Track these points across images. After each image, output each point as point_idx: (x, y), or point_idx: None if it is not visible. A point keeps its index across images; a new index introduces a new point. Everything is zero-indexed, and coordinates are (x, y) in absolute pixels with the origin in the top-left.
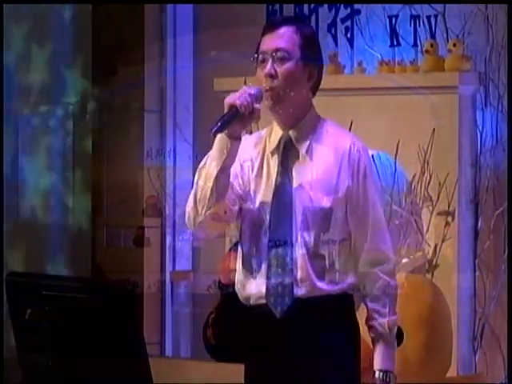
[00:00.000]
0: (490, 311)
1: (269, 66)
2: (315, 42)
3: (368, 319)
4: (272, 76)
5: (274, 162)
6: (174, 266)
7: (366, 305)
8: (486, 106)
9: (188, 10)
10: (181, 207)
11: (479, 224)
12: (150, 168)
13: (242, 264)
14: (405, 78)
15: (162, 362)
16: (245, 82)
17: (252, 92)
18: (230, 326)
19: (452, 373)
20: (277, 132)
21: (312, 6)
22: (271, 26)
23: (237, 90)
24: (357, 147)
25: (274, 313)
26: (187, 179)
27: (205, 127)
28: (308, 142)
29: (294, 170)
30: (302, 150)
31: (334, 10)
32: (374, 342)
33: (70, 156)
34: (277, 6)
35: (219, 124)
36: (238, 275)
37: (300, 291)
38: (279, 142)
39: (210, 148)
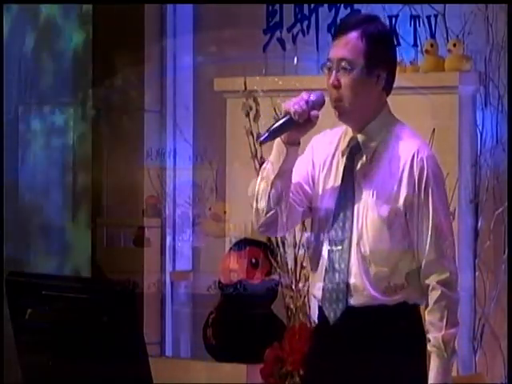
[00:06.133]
0: (490, 311)
1: (333, 76)
2: (384, 42)
3: (426, 332)
4: (336, 87)
5: (342, 164)
6: (174, 266)
7: (425, 317)
8: (486, 105)
9: (188, 10)
10: (181, 207)
11: (479, 224)
12: (149, 168)
13: (310, 265)
14: (405, 78)
15: (162, 362)
16: (245, 82)
17: (310, 98)
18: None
19: (452, 373)
20: (349, 132)
21: (312, 5)
22: (338, 31)
23: (236, 91)
24: (420, 156)
25: (328, 319)
26: (187, 179)
27: (205, 127)
28: (374, 148)
29: (357, 175)
30: (368, 155)
31: (333, 10)
32: (429, 355)
33: (70, 156)
34: (277, 6)
35: (266, 134)
36: (310, 277)
37: (353, 299)
38: (348, 144)
39: (210, 148)
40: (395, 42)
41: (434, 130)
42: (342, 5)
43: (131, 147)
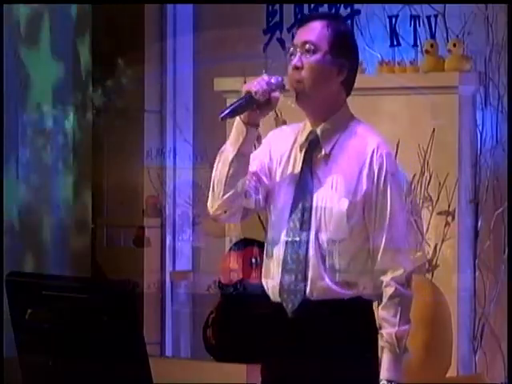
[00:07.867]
0: (490, 311)
1: (296, 58)
2: (348, 38)
3: (378, 327)
4: (298, 68)
5: (300, 158)
6: (174, 266)
7: (378, 312)
8: (485, 106)
9: (188, 10)
10: (181, 207)
11: (479, 224)
12: (149, 168)
13: (266, 258)
14: (405, 78)
15: (162, 362)
16: (245, 82)
17: (271, 80)
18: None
19: (452, 373)
20: (307, 127)
21: (312, 5)
22: (303, 20)
23: (236, 91)
24: (380, 152)
25: (286, 311)
26: (187, 179)
27: (205, 127)
28: (333, 142)
29: (316, 168)
30: (326, 149)
31: (333, 10)
32: (381, 350)
33: (70, 156)
34: (277, 6)
35: (228, 110)
36: (263, 269)
37: (310, 291)
38: (307, 138)
39: (210, 148)
40: (357, 46)
41: (433, 129)
42: (342, 5)
43: (131, 147)
